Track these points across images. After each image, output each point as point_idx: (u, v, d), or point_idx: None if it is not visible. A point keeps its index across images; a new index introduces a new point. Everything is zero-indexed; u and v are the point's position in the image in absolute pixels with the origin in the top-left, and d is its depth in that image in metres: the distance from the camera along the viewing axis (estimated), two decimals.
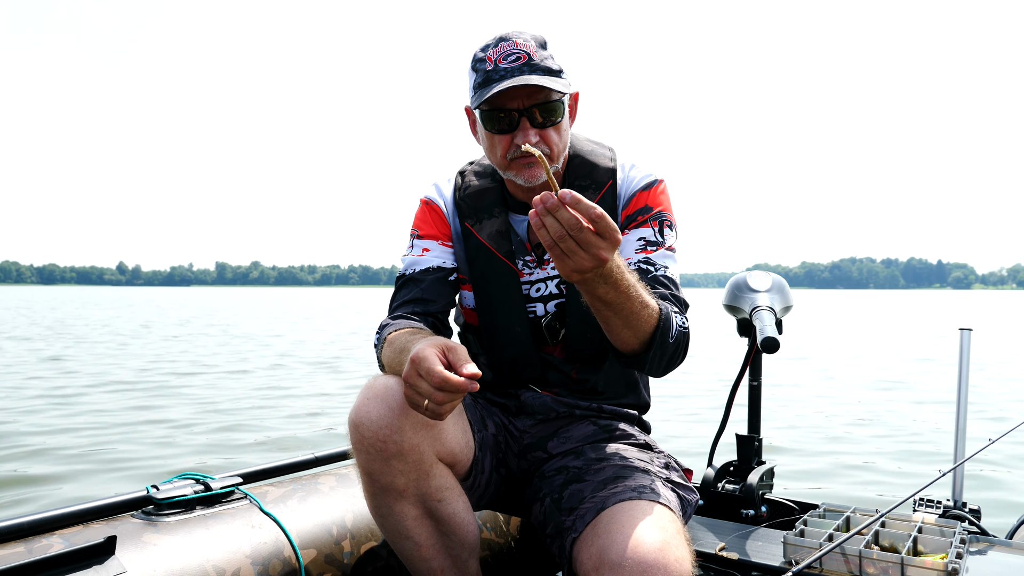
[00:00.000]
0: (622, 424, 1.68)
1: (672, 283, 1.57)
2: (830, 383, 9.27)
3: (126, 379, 9.37)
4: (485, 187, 1.69)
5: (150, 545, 1.41)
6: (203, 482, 1.64)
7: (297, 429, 6.24)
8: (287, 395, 8.17)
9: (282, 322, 23.26)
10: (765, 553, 1.88)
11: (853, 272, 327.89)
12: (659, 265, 1.58)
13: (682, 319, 1.51)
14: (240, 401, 7.70)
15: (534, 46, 1.48)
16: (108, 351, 13.32)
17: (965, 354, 2.22)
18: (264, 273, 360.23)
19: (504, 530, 1.97)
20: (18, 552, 1.32)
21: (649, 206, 1.61)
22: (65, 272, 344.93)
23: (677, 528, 1.33)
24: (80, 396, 7.93)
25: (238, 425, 6.40)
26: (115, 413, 6.93)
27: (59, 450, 5.40)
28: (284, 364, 11.40)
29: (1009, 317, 29.36)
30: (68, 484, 4.58)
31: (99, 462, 5.11)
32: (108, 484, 4.58)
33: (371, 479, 1.40)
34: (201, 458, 5.25)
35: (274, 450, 5.53)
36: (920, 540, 1.76)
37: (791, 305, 2.29)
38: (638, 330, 1.39)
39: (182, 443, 5.70)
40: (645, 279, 1.55)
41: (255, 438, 5.89)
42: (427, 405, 1.23)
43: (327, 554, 1.62)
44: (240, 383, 9.13)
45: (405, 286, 1.67)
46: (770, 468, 2.32)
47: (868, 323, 26.63)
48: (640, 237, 1.60)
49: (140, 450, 5.48)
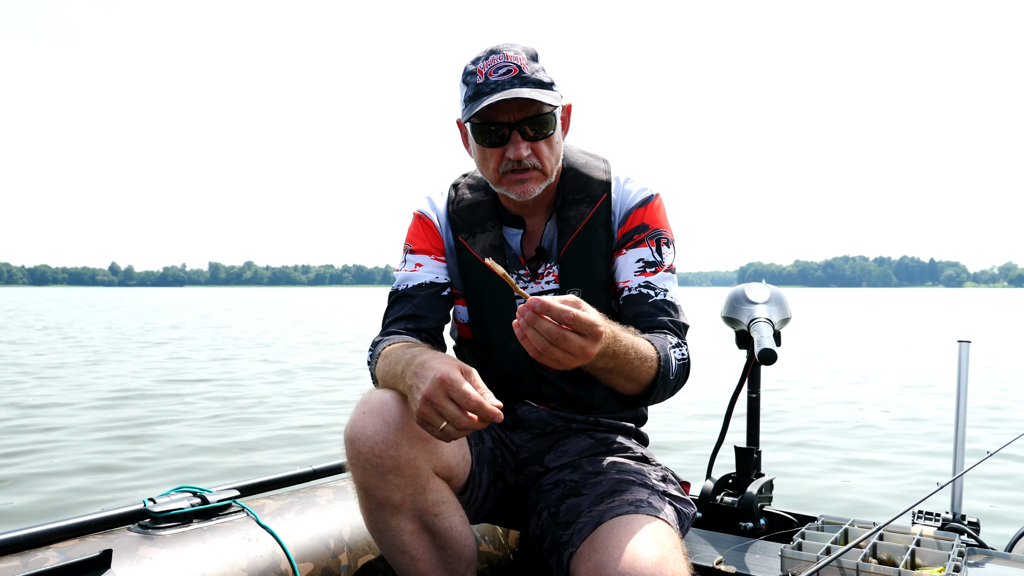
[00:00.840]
0: (619, 437, 1.68)
1: (672, 307, 1.59)
2: (828, 393, 9.26)
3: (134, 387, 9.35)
4: (478, 200, 1.68)
5: (146, 559, 1.41)
6: (200, 495, 1.63)
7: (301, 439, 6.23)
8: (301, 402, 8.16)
9: (300, 325, 23.26)
10: (763, 566, 1.87)
11: (846, 270, 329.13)
12: (659, 289, 1.59)
13: (681, 352, 1.53)
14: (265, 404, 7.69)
15: (525, 59, 1.48)
16: (107, 356, 13.30)
17: (964, 366, 2.22)
18: (258, 273, 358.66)
19: (503, 543, 1.97)
20: (13, 566, 1.31)
21: (646, 224, 1.62)
22: (57, 273, 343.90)
23: (674, 542, 1.32)
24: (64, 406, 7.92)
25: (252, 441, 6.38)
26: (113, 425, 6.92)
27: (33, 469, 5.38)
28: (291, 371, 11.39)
29: (1005, 318, 29.30)
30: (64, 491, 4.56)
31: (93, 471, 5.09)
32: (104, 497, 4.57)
33: (367, 494, 1.40)
34: (198, 471, 5.24)
35: (272, 461, 5.52)
36: (918, 553, 1.76)
37: (789, 317, 2.29)
38: (639, 381, 1.42)
39: (179, 455, 5.69)
40: (646, 305, 1.57)
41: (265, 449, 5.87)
42: (445, 428, 1.20)
43: (324, 567, 1.62)
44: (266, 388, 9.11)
45: (398, 302, 1.66)
46: (769, 480, 2.31)
47: (864, 325, 26.63)
48: (639, 259, 1.60)
49: (136, 462, 5.47)
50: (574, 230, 1.61)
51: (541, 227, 1.65)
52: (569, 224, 1.62)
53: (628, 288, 1.59)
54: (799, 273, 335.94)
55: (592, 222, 1.61)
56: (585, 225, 1.61)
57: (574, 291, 1.59)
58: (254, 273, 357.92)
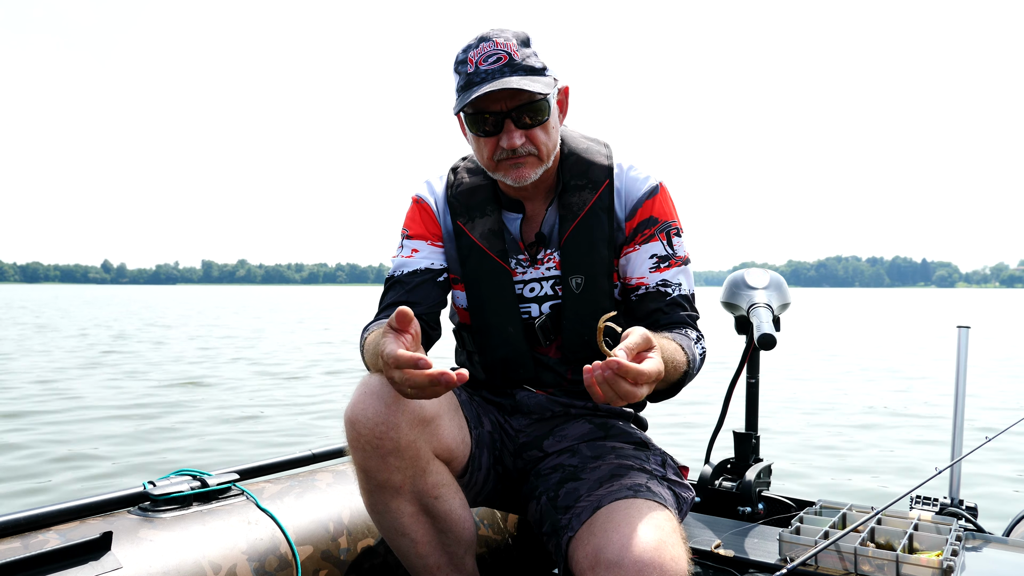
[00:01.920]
0: (618, 422, 1.68)
1: (688, 301, 1.62)
2: (826, 380, 9.28)
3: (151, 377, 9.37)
4: (477, 184, 1.67)
5: (146, 541, 1.41)
6: (200, 478, 1.63)
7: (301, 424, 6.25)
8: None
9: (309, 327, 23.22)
10: (761, 550, 1.88)
11: (839, 271, 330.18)
12: (674, 284, 1.61)
13: (702, 346, 1.57)
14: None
15: (515, 45, 1.46)
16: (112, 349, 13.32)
17: (963, 352, 2.22)
18: (251, 271, 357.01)
19: (502, 527, 1.98)
20: (14, 548, 1.32)
21: (655, 217, 1.61)
22: (49, 270, 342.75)
23: (673, 526, 1.33)
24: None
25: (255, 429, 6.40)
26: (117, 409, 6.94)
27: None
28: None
29: (998, 315, 29.31)
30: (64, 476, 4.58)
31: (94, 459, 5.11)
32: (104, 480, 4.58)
33: (367, 476, 1.40)
34: (198, 455, 5.25)
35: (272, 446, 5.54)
36: (916, 537, 1.76)
37: (788, 302, 2.29)
38: (671, 382, 1.45)
39: (180, 439, 5.71)
40: (663, 302, 1.59)
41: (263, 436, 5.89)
42: (409, 393, 1.19)
43: (324, 551, 1.62)
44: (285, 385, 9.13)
45: (392, 288, 1.66)
46: (767, 465, 2.32)
47: (859, 321, 26.65)
48: (652, 254, 1.61)
49: (137, 446, 5.49)
50: (576, 216, 1.60)
51: (541, 212, 1.64)
52: (571, 210, 1.61)
53: (645, 286, 1.61)
54: (792, 273, 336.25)
55: (595, 208, 1.60)
56: (587, 211, 1.60)
57: (575, 279, 1.59)
58: (247, 271, 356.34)
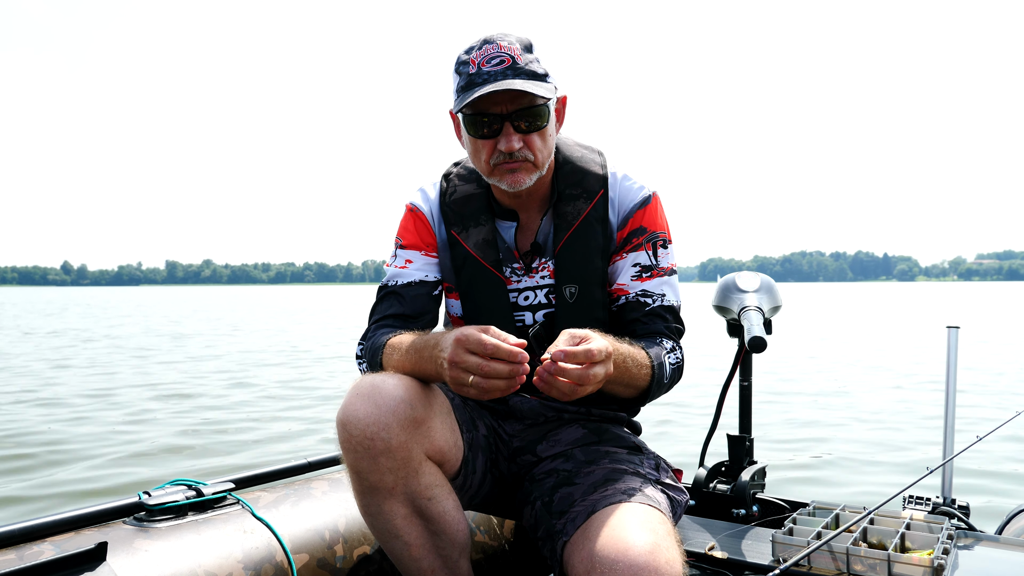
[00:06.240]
0: (612, 427, 1.69)
1: (670, 312, 1.63)
2: (815, 378, 9.31)
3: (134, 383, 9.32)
4: (471, 193, 1.68)
5: (141, 551, 1.41)
6: (195, 488, 1.64)
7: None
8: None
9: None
10: (754, 552, 1.89)
11: (803, 266, 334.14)
12: (656, 295, 1.62)
13: (675, 356, 1.59)
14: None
15: (519, 49, 1.47)
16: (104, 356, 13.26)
17: (953, 351, 2.24)
18: (216, 271, 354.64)
19: (497, 533, 1.98)
20: (9, 559, 1.31)
21: (644, 227, 1.63)
22: (6, 272, 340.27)
23: (667, 530, 1.33)
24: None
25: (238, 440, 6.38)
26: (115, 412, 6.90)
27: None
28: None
29: (962, 309, 29.47)
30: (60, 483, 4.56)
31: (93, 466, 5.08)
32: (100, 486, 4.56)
33: (359, 477, 1.40)
34: (193, 464, 5.23)
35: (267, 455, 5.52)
36: (908, 537, 1.77)
37: (779, 305, 2.31)
38: (635, 386, 1.49)
39: (173, 448, 5.68)
40: (642, 312, 1.61)
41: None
42: (473, 381, 1.24)
43: (320, 559, 1.62)
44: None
45: (386, 299, 1.67)
46: (761, 468, 2.33)
47: (833, 317, 26.76)
48: (635, 263, 1.62)
49: (131, 456, 5.46)
50: (571, 226, 1.61)
51: (535, 221, 1.65)
52: (566, 219, 1.62)
53: (626, 295, 1.62)
54: (758, 268, 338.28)
55: (589, 218, 1.61)
56: (582, 221, 1.61)
57: (569, 288, 1.60)
58: (213, 271, 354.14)
